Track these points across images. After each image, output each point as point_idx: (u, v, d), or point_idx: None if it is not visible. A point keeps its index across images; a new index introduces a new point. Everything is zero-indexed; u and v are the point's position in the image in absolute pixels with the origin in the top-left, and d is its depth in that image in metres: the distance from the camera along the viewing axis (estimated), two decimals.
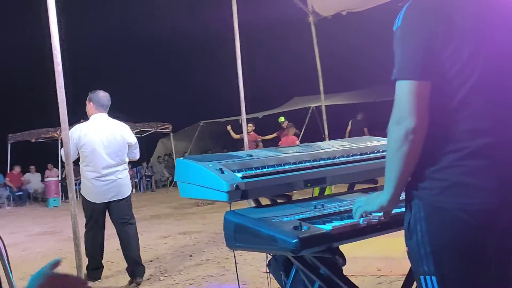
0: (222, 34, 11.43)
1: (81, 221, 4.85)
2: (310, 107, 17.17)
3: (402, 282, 2.31)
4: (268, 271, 2.49)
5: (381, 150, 2.49)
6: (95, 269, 5.20)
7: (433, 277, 1.54)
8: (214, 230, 7.84)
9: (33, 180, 17.19)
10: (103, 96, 5.02)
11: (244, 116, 7.54)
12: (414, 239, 1.59)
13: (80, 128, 4.98)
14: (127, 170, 5.25)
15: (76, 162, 5.10)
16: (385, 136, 1.71)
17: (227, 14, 7.50)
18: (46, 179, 16.01)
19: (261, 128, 15.46)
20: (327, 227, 1.73)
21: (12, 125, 18.66)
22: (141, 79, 24.54)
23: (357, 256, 4.78)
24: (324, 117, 12.71)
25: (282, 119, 14.14)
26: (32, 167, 17.29)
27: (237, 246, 1.89)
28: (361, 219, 1.75)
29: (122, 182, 5.02)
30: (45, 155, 16.99)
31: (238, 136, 12.94)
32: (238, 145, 14.42)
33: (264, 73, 21.64)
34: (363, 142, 2.63)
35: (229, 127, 13.68)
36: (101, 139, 4.88)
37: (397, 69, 1.57)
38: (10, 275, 2.48)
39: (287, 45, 21.50)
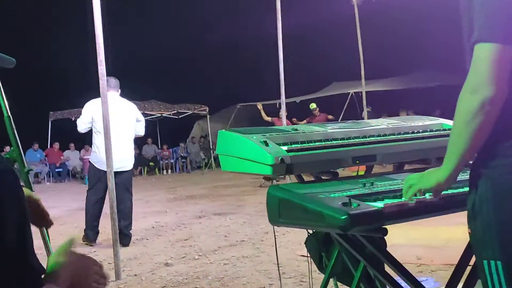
0: (264, 17, 11.30)
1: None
2: (349, 92, 16.87)
3: (444, 271, 2.18)
4: (306, 255, 2.39)
5: (434, 129, 2.35)
6: (92, 229, 5.89)
7: (498, 262, 1.41)
8: (249, 212, 7.80)
9: (72, 157, 17.56)
10: (110, 78, 5.60)
11: (283, 99, 7.41)
12: (479, 221, 1.45)
13: (95, 103, 5.56)
14: (133, 146, 6.21)
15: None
16: None
17: None
18: (84, 157, 16.32)
19: (298, 113, 15.30)
20: (379, 204, 1.61)
21: (54, 103, 19.05)
22: (180, 61, 24.59)
23: (395, 243, 4.62)
24: (364, 102, 12.48)
25: (313, 105, 13.89)
26: (72, 145, 17.64)
27: (280, 222, 1.79)
28: (414, 197, 1.62)
29: (127, 155, 5.75)
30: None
31: (269, 119, 12.79)
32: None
33: (304, 57, 21.35)
34: (413, 120, 2.49)
35: (260, 106, 13.11)
36: (113, 113, 5.29)
37: (479, 31, 1.41)
38: (49, 245, 2.48)
39: (327, 29, 21.13)
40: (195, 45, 24.57)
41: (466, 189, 1.60)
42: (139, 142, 18.94)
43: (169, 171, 18.71)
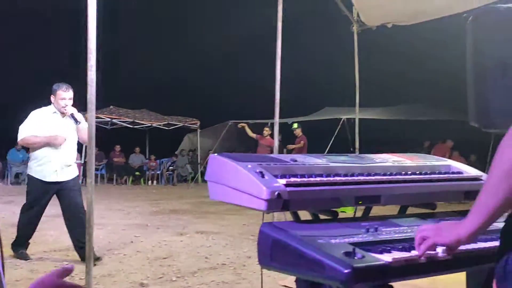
0: (262, 35, 11.17)
1: (96, 207, 4.63)
2: (341, 118, 16.79)
3: None
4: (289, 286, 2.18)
5: (442, 171, 2.17)
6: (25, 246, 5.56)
7: None
8: (233, 233, 7.56)
9: None
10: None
11: (277, 119, 7.24)
12: (510, 283, 1.26)
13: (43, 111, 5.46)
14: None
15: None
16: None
17: (270, 15, 7.23)
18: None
19: (288, 134, 15.15)
20: (386, 258, 1.42)
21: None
22: (176, 74, 24.45)
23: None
24: (357, 130, 12.35)
25: (295, 125, 13.49)
26: None
27: (271, 266, 1.59)
28: (425, 253, 1.42)
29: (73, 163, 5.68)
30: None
31: (253, 135, 12.69)
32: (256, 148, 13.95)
33: (299, 79, 21.31)
34: (419, 159, 2.31)
35: (244, 125, 13.06)
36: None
37: None
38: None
39: (325, 52, 21.14)
40: (193, 59, 24.45)
41: (487, 244, 1.42)
42: (126, 151, 18.71)
43: (155, 182, 18.42)
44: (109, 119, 17.36)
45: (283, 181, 1.71)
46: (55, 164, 5.29)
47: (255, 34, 19.31)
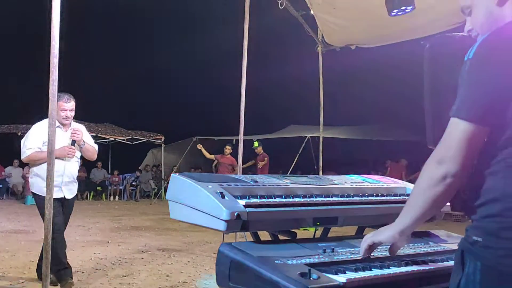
0: (227, 52, 11.25)
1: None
2: (306, 136, 16.97)
3: None
4: None
5: (398, 194, 2.24)
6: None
7: None
8: (195, 250, 7.51)
9: (14, 174, 16.78)
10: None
11: (241, 136, 7.28)
12: None
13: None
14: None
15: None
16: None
17: (236, 33, 7.31)
18: (27, 175, 15.58)
19: (250, 152, 15.22)
20: (340, 278, 1.46)
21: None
22: (140, 88, 24.32)
23: None
24: (321, 148, 12.51)
25: (256, 144, 13.60)
26: (15, 161, 16.85)
27: (230, 287, 1.61)
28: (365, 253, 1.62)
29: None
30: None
31: (212, 156, 12.86)
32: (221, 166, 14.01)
33: (264, 96, 21.50)
34: (377, 181, 2.38)
35: (199, 146, 13.34)
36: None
37: (457, 106, 1.39)
38: None
39: (290, 71, 21.43)
40: (159, 74, 24.40)
41: (439, 264, 1.49)
42: (88, 165, 18.38)
43: (117, 197, 18.13)
44: None
45: (243, 202, 1.73)
46: (59, 179, 4.77)
47: (222, 52, 19.41)
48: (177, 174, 1.94)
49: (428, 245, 2.01)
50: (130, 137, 18.28)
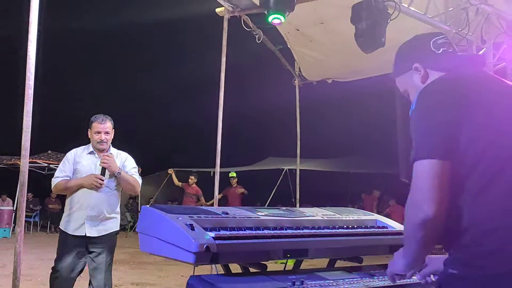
0: (205, 84, 11.33)
1: (26, 257, 4.39)
2: (284, 168, 17.03)
3: None
4: None
5: (368, 226, 2.27)
6: None
7: None
8: (170, 284, 7.38)
9: None
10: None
11: (218, 169, 7.28)
12: None
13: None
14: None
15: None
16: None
17: (213, 62, 7.37)
18: None
19: (227, 184, 15.19)
20: None
21: None
22: (117, 120, 24.21)
23: None
24: (298, 181, 12.55)
25: (233, 174, 13.65)
26: None
27: None
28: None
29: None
30: (6, 182, 16.31)
31: (179, 184, 12.85)
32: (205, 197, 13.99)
33: (242, 128, 21.61)
34: (348, 214, 2.40)
35: (171, 171, 13.36)
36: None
37: (416, 150, 1.47)
38: None
39: (268, 103, 21.64)
40: (138, 105, 24.37)
41: None
42: (63, 198, 18.05)
43: None
44: (46, 164, 16.82)
45: (212, 234, 1.73)
46: (80, 213, 4.16)
47: (200, 83, 19.56)
48: (148, 205, 1.94)
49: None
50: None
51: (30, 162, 4.29)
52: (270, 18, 5.39)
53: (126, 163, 4.40)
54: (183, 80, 22.87)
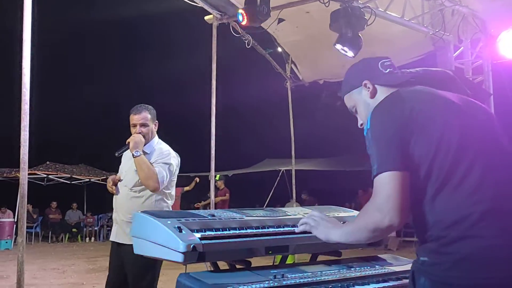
0: (199, 89, 11.49)
1: (29, 267, 4.55)
2: (280, 169, 17.20)
3: None
4: None
5: (347, 222, 2.43)
6: None
7: None
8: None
9: None
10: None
11: (213, 173, 7.44)
12: None
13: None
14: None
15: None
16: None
17: (204, 66, 7.49)
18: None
19: (230, 186, 15.36)
20: None
21: None
22: (112, 129, 24.39)
23: None
24: (293, 181, 12.71)
25: (217, 177, 13.74)
26: None
27: None
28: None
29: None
30: (7, 194, 16.45)
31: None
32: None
33: (240, 131, 21.79)
34: (329, 212, 2.56)
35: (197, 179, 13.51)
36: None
37: (376, 166, 1.60)
38: None
39: (263, 107, 21.82)
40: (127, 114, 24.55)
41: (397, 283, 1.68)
42: (63, 207, 18.21)
43: (93, 238, 17.93)
44: (45, 175, 16.97)
45: (198, 235, 1.90)
46: (115, 218, 3.89)
47: (194, 78, 19.72)
48: (140, 212, 2.10)
49: (374, 268, 2.19)
50: (105, 177, 18.24)
51: (29, 174, 4.45)
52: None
53: (160, 155, 3.76)
54: (180, 81, 23.06)
